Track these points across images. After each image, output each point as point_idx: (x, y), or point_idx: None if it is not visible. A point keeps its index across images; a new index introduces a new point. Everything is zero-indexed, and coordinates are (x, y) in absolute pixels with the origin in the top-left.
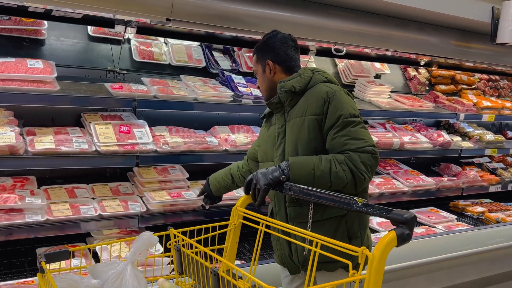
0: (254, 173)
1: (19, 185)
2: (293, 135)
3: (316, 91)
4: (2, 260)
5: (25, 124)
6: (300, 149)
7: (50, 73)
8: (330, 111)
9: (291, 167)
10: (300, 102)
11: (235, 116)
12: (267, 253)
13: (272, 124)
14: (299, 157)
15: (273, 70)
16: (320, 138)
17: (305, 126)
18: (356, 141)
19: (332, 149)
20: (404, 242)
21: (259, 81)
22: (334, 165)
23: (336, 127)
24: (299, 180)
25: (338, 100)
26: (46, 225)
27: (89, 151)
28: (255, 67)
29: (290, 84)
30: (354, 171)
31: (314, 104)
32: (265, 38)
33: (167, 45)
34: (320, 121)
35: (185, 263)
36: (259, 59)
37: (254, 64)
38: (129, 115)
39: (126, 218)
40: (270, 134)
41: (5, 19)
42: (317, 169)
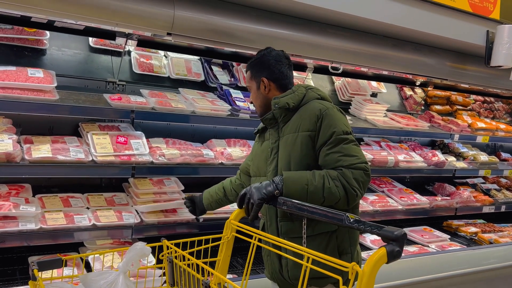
0: (247, 187)
1: (14, 192)
2: (286, 150)
3: (310, 108)
4: None
5: (23, 132)
6: (293, 164)
7: (50, 82)
8: (323, 127)
9: (285, 181)
10: (293, 118)
11: (232, 130)
12: (259, 267)
13: (265, 139)
14: (292, 172)
15: (268, 87)
16: (313, 154)
17: (298, 142)
18: (349, 158)
19: (325, 165)
20: (394, 259)
21: (253, 97)
22: (327, 180)
23: (329, 144)
24: (293, 195)
25: (331, 117)
26: (40, 233)
27: (86, 161)
28: (249, 83)
29: (284, 100)
30: (346, 187)
31: (307, 121)
32: (259, 55)
33: (167, 58)
34: (313, 138)
35: (177, 275)
36: (253, 76)
37: (248, 80)
38: (127, 126)
39: (119, 228)
40: (263, 149)
41: (8, 28)
42: (310, 185)
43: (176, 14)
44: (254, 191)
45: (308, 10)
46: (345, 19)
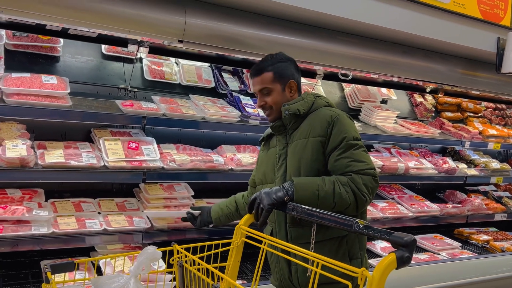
0: (257, 192)
1: (27, 197)
2: (295, 156)
3: (320, 114)
4: (7, 271)
5: (36, 138)
6: (303, 170)
7: (63, 89)
8: (334, 133)
9: (295, 187)
10: (303, 124)
11: (242, 136)
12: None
13: (272, 146)
14: (302, 177)
15: (294, 90)
16: (323, 159)
17: (309, 147)
18: (359, 163)
19: (335, 170)
20: (403, 264)
21: (274, 99)
22: (338, 186)
23: (339, 149)
24: (303, 201)
25: (342, 124)
26: (52, 237)
27: (98, 166)
28: (270, 85)
29: (295, 107)
30: (356, 192)
31: (318, 127)
32: (279, 58)
33: (178, 65)
34: (323, 143)
35: (187, 280)
36: (277, 77)
37: (269, 81)
38: (138, 132)
39: (130, 233)
40: (270, 156)
41: (23, 36)
42: (321, 190)
43: (188, 21)
44: (264, 196)
45: (318, 17)
46: (354, 26)
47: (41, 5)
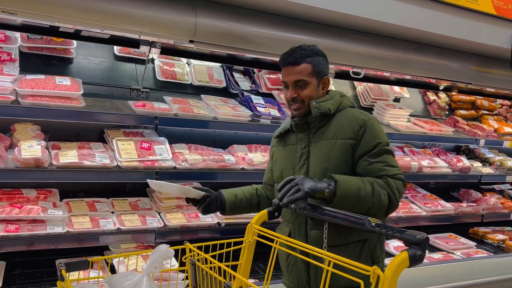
0: (296, 175)
1: (42, 197)
2: (320, 157)
3: (350, 116)
4: (23, 270)
5: (51, 139)
6: (329, 171)
7: (77, 90)
8: (366, 137)
9: (338, 183)
10: (330, 124)
11: (253, 135)
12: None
13: (290, 143)
14: (342, 175)
15: (326, 88)
16: (350, 162)
17: (336, 149)
18: (392, 168)
19: (367, 174)
20: (416, 263)
21: (308, 94)
22: (377, 187)
23: (373, 154)
24: (344, 198)
25: (375, 128)
26: (67, 236)
27: (111, 166)
28: (308, 78)
29: (326, 106)
30: (391, 196)
31: (349, 129)
32: (317, 50)
33: (190, 65)
34: (353, 146)
35: (200, 278)
36: (316, 72)
37: (307, 74)
38: (150, 132)
39: (143, 232)
40: (288, 154)
41: (37, 38)
42: (362, 189)
43: (198, 21)
44: (306, 180)
45: (329, 16)
46: (366, 24)
47: (54, 7)
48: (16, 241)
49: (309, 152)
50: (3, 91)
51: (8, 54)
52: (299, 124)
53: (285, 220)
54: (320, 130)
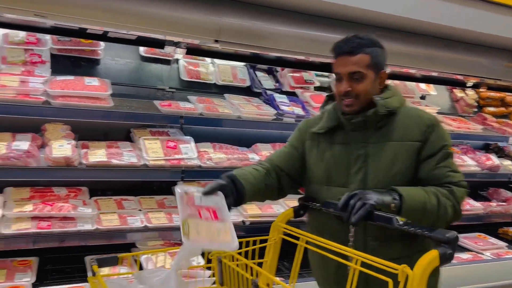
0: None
1: (72, 195)
2: (385, 161)
3: (415, 116)
4: (55, 266)
5: (80, 138)
6: (398, 178)
7: (105, 90)
8: (432, 139)
9: (404, 197)
10: (393, 124)
11: (277, 134)
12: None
13: (339, 141)
14: (404, 187)
15: (383, 83)
16: (415, 166)
17: (403, 153)
18: (456, 174)
19: (431, 179)
20: (446, 261)
21: (364, 89)
22: (442, 199)
23: (437, 157)
24: (409, 213)
25: (441, 129)
26: (96, 233)
27: (138, 165)
28: (365, 70)
29: (393, 103)
30: (456, 206)
31: (416, 130)
32: (376, 40)
33: (214, 65)
34: (419, 149)
35: (226, 275)
36: (374, 64)
37: (364, 66)
38: (176, 131)
39: (170, 230)
40: (339, 154)
41: (66, 41)
42: (428, 203)
43: (223, 21)
44: (368, 193)
45: (355, 13)
46: (393, 21)
47: (83, 10)
48: (48, 238)
49: (368, 155)
50: (35, 92)
51: (39, 56)
52: (355, 122)
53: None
54: (381, 130)
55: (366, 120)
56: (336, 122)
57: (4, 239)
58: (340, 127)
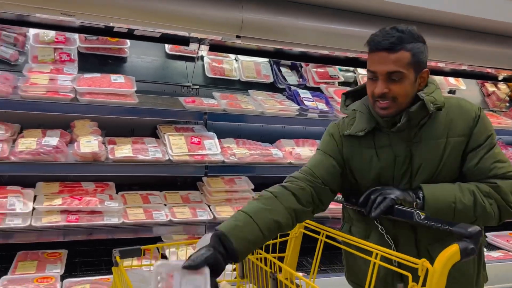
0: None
1: (100, 189)
2: (430, 160)
3: (459, 108)
4: (84, 258)
5: (107, 134)
6: (444, 176)
7: (130, 87)
8: (477, 130)
9: (427, 200)
10: (436, 119)
11: (301, 130)
12: (331, 267)
13: (382, 145)
14: (433, 185)
15: (423, 83)
16: (461, 162)
17: (449, 149)
18: (503, 165)
19: (476, 173)
20: (467, 256)
21: (403, 90)
22: (480, 197)
23: (483, 148)
24: (433, 213)
25: (486, 119)
26: (122, 227)
27: (163, 160)
28: (405, 69)
29: (440, 99)
30: (501, 204)
31: (461, 123)
32: (417, 35)
33: (238, 61)
34: (464, 143)
35: (246, 268)
36: (413, 62)
37: (404, 65)
38: (200, 127)
39: (194, 224)
40: (384, 158)
41: (94, 39)
42: (459, 202)
43: (245, 16)
44: (389, 189)
45: (378, 6)
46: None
47: (108, 8)
48: (76, 231)
49: (412, 155)
50: (63, 90)
51: (68, 55)
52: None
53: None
54: (424, 128)
55: (409, 119)
56: (374, 123)
57: (36, 231)
58: (377, 129)
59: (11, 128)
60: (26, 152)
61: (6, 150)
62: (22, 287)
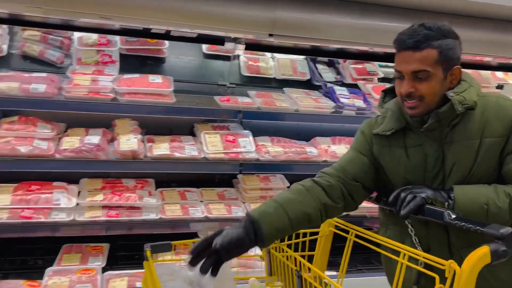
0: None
1: (139, 186)
2: (463, 162)
3: (496, 107)
4: (125, 252)
5: (147, 133)
6: (478, 178)
7: (167, 87)
8: None
9: (457, 201)
10: (470, 118)
11: (338, 127)
12: (367, 267)
13: (412, 144)
14: (466, 186)
15: (455, 80)
16: (499, 164)
17: (484, 151)
18: None
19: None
20: (498, 259)
21: (430, 89)
22: None
23: None
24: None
25: None
26: (160, 222)
27: (199, 158)
28: (431, 68)
29: (471, 98)
30: None
31: (498, 124)
32: (447, 30)
33: (274, 59)
34: (502, 145)
35: (274, 266)
36: (441, 60)
37: (430, 63)
38: (236, 126)
39: (229, 221)
40: (414, 158)
41: (134, 41)
42: (492, 204)
43: (277, 15)
44: (419, 187)
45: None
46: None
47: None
48: (117, 225)
49: (444, 156)
50: (104, 90)
51: (109, 56)
52: (428, 126)
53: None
54: (457, 127)
55: (439, 118)
56: (404, 123)
57: (79, 225)
58: (408, 128)
59: (57, 127)
60: (70, 150)
61: (52, 148)
62: (66, 278)
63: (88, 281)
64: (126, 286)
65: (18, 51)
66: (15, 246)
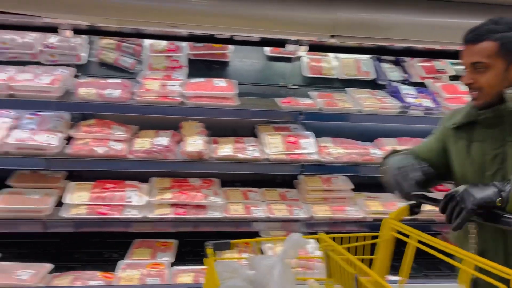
0: (459, 187)
1: (205, 185)
2: None
3: None
4: (192, 249)
5: (213, 135)
6: None
7: (231, 90)
8: None
9: None
10: None
11: (404, 128)
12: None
13: (476, 139)
14: None
15: None
16: None
17: None
18: None
19: None
20: None
21: (491, 81)
22: None
23: None
24: None
25: None
26: (224, 221)
27: (260, 158)
28: (489, 60)
29: None
30: None
31: None
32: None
33: (337, 59)
34: None
35: (331, 268)
36: (502, 52)
37: (488, 56)
38: (298, 127)
39: (290, 221)
40: (475, 154)
41: (200, 46)
42: None
43: (338, 16)
44: (466, 195)
45: None
46: None
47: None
48: (184, 223)
49: (506, 155)
50: (172, 94)
51: (177, 62)
52: (483, 118)
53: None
54: None
55: (501, 115)
56: (472, 117)
57: (150, 222)
58: (476, 122)
59: (131, 129)
60: (141, 151)
61: (125, 149)
62: (136, 271)
63: (157, 275)
64: (192, 281)
65: (96, 59)
66: (92, 240)
